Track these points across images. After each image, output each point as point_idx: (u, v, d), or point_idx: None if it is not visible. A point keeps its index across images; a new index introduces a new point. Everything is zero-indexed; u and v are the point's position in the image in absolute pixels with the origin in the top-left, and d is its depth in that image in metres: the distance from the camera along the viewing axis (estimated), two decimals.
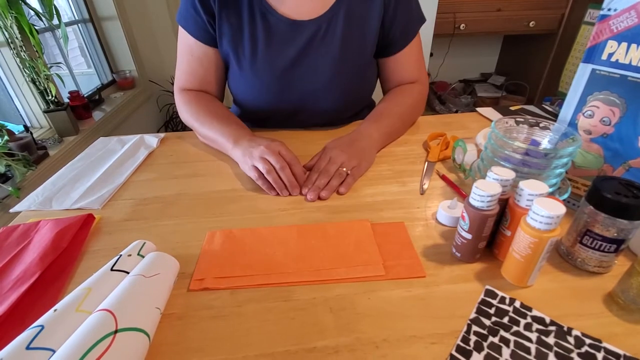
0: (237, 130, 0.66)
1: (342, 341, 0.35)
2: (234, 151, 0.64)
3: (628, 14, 0.43)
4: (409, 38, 0.73)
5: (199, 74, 0.74)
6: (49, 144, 1.38)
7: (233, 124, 0.68)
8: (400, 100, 0.75)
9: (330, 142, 0.65)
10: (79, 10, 1.80)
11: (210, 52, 0.72)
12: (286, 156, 0.58)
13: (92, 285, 0.37)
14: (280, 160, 0.56)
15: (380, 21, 0.69)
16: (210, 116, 0.70)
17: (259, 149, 0.58)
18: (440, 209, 0.50)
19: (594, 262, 0.41)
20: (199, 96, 0.74)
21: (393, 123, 0.72)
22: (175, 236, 0.49)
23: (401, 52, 0.74)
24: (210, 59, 0.73)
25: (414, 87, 0.77)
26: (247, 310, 0.38)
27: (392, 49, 0.74)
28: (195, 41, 0.70)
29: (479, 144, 0.62)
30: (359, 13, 0.68)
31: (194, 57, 0.72)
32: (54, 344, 0.30)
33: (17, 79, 1.38)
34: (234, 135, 0.65)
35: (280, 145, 0.59)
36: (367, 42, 0.71)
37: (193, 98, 0.73)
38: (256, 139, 0.62)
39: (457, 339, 0.35)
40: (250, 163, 0.58)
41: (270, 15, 0.67)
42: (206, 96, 0.75)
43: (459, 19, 2.06)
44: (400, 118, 0.74)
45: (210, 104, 0.73)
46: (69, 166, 0.69)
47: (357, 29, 0.69)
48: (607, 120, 0.46)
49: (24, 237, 0.48)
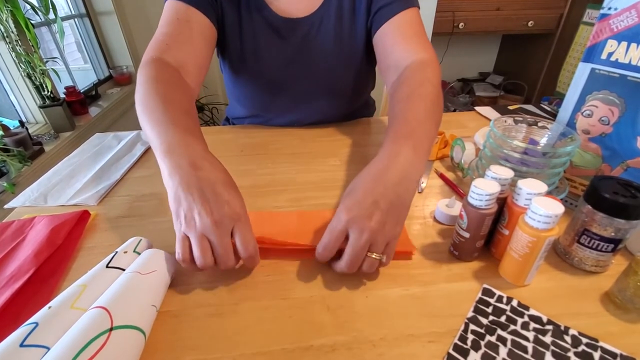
0: (179, 132, 0.42)
1: (339, 339, 0.35)
2: (162, 162, 0.40)
3: (628, 13, 0.43)
4: (399, 7, 0.62)
5: (184, 35, 0.57)
6: (44, 139, 1.36)
7: (178, 121, 0.44)
8: (421, 93, 0.52)
9: (347, 197, 0.40)
10: (75, 5, 1.78)
11: (204, 20, 0.60)
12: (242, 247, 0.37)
13: (87, 282, 0.36)
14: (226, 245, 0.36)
15: (367, 5, 0.66)
16: (160, 102, 0.46)
17: (204, 220, 0.36)
18: (439, 208, 0.50)
19: (591, 262, 0.41)
20: (165, 71, 0.52)
21: (427, 130, 0.47)
22: (172, 233, 0.49)
23: (392, 20, 0.62)
24: (204, 27, 0.60)
25: (426, 65, 0.57)
26: (244, 308, 0.38)
27: (380, 19, 0.64)
28: (187, 6, 0.58)
29: (477, 142, 0.62)
30: (349, 7, 0.68)
31: (181, 20, 0.58)
32: (48, 341, 0.30)
33: (12, 73, 1.37)
34: (169, 140, 0.41)
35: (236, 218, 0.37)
36: (359, 36, 0.70)
37: (157, 73, 0.51)
38: (201, 173, 0.38)
39: (454, 337, 0.34)
40: (181, 228, 0.37)
41: (265, 11, 0.67)
42: (180, 81, 0.53)
43: (458, 18, 2.06)
44: (431, 121, 0.49)
45: (172, 83, 0.51)
46: (65, 162, 0.68)
47: (348, 24, 0.69)
48: (605, 120, 0.46)
49: (19, 234, 0.48)
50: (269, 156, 0.69)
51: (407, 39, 0.62)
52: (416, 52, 0.59)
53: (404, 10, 0.63)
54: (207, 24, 0.61)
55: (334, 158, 0.67)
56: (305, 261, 0.44)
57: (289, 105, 0.76)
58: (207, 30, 0.61)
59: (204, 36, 0.61)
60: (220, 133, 0.79)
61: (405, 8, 0.63)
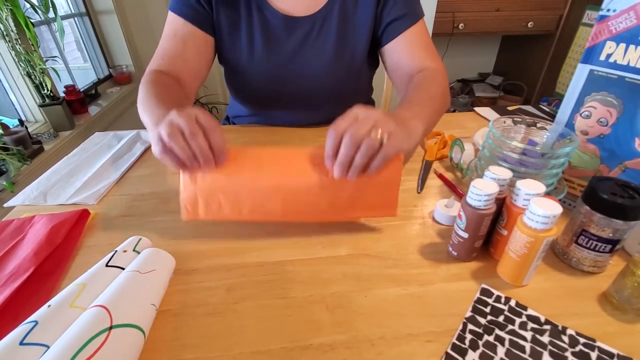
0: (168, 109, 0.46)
1: (338, 339, 0.35)
2: (151, 133, 0.45)
3: (627, 15, 0.43)
4: (410, 21, 0.67)
5: (178, 51, 0.65)
6: (44, 138, 1.36)
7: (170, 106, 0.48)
8: (428, 86, 0.60)
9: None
10: (75, 4, 1.78)
11: (197, 34, 0.66)
12: (203, 122, 0.41)
13: (86, 281, 0.36)
14: (192, 125, 0.40)
15: (374, 13, 0.67)
16: (154, 97, 0.54)
17: (170, 114, 0.41)
18: (437, 208, 0.50)
19: (589, 262, 0.41)
20: (164, 81, 0.61)
21: (426, 110, 0.54)
22: (171, 232, 0.49)
23: (404, 34, 0.67)
24: (196, 40, 0.66)
25: (436, 72, 0.64)
26: (243, 307, 0.38)
27: (392, 32, 0.68)
28: (184, 22, 0.65)
29: (476, 143, 0.62)
30: (353, 9, 0.68)
31: (177, 36, 0.66)
32: (48, 339, 0.30)
33: (12, 72, 1.37)
34: (158, 114, 0.49)
35: (200, 111, 0.42)
36: (362, 38, 0.70)
37: (156, 79, 0.60)
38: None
39: (452, 337, 0.35)
40: (156, 134, 0.41)
41: (266, 10, 0.67)
42: (171, 84, 0.61)
43: (457, 19, 2.06)
44: (432, 106, 0.56)
45: (167, 85, 0.60)
46: (64, 161, 0.68)
47: (352, 25, 0.69)
48: (604, 121, 0.47)
49: (18, 232, 0.48)
50: None
51: (419, 52, 0.68)
52: (428, 63, 0.66)
53: (415, 24, 0.68)
54: (201, 37, 0.67)
55: None
56: (305, 260, 0.44)
57: (289, 104, 0.76)
58: (201, 43, 0.67)
59: (198, 50, 0.68)
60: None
61: (416, 21, 0.68)
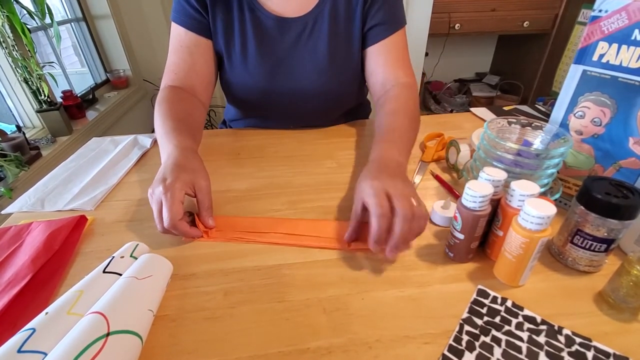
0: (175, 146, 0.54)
1: (335, 342, 0.35)
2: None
3: (619, 15, 0.43)
4: (390, 29, 0.69)
5: (187, 63, 0.68)
6: (41, 144, 1.36)
7: (178, 136, 0.56)
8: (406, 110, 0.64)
9: (362, 176, 0.48)
10: (72, 9, 1.79)
11: (201, 42, 0.68)
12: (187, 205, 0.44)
13: (84, 287, 0.36)
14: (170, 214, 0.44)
15: (362, 13, 0.68)
16: (167, 124, 0.59)
17: (161, 178, 0.47)
18: (434, 209, 0.51)
19: (585, 262, 0.41)
20: (177, 95, 0.66)
21: (409, 139, 0.59)
22: (169, 238, 0.49)
23: (384, 42, 0.69)
24: (201, 48, 0.69)
25: (409, 90, 0.68)
26: (241, 312, 0.38)
27: (373, 37, 0.70)
28: (186, 31, 0.67)
29: (472, 144, 0.63)
30: (344, 10, 0.68)
31: (183, 47, 0.68)
32: (45, 347, 0.30)
33: (9, 78, 1.37)
34: (169, 153, 0.53)
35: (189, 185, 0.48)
36: (354, 39, 0.70)
37: (170, 96, 0.65)
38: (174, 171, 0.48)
39: (449, 338, 0.35)
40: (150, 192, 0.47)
41: (258, 11, 0.68)
42: (184, 96, 0.67)
43: (454, 19, 2.07)
44: (412, 132, 0.61)
45: (182, 106, 0.64)
46: (62, 167, 0.68)
47: (343, 25, 0.69)
48: (597, 121, 0.47)
49: (16, 239, 0.48)
50: (265, 159, 0.69)
51: (395, 63, 0.71)
52: (402, 77, 0.70)
53: (395, 32, 0.69)
54: (205, 44, 0.69)
55: (330, 160, 0.68)
56: (302, 264, 0.44)
57: (283, 106, 0.76)
58: (206, 50, 0.70)
59: (205, 58, 0.70)
60: (217, 136, 0.79)
61: (397, 30, 0.70)
